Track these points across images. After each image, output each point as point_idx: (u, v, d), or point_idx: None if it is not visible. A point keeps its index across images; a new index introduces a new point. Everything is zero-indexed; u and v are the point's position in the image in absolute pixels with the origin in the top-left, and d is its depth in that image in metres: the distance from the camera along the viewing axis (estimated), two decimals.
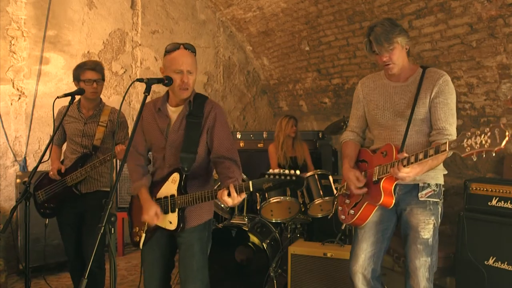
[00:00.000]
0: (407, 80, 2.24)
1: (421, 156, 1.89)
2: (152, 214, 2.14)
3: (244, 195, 1.99)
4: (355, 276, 2.33)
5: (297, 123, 4.37)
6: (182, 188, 2.17)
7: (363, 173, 2.26)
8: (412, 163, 1.92)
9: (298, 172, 1.88)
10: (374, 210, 2.23)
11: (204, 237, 2.29)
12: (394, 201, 2.12)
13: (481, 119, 3.58)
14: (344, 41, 4.49)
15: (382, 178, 2.11)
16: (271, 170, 1.91)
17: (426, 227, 2.17)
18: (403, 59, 2.20)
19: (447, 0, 3.26)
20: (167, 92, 2.32)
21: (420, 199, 2.17)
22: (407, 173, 1.95)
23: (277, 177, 1.88)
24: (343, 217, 2.38)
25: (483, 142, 1.64)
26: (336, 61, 4.80)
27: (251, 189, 1.92)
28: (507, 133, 1.59)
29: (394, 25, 2.15)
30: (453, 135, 2.10)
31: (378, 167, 2.15)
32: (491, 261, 2.92)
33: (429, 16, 3.48)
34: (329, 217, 2.87)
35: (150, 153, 2.43)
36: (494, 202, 2.97)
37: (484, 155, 1.67)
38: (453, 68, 3.58)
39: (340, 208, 2.43)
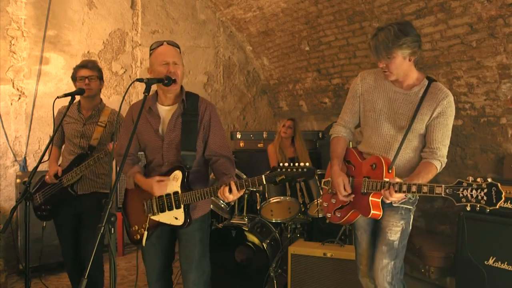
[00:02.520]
0: (410, 90, 2.17)
1: (413, 189, 1.92)
2: (158, 185, 2.16)
3: (242, 191, 2.08)
4: (363, 275, 2.41)
5: (294, 124, 4.33)
6: (186, 185, 2.20)
7: (350, 179, 2.27)
8: (403, 191, 1.95)
9: (307, 164, 1.99)
10: (359, 215, 2.27)
11: (205, 227, 2.36)
12: (381, 213, 2.16)
13: (481, 119, 3.58)
14: (344, 41, 4.49)
15: (371, 192, 2.12)
16: (281, 164, 2.02)
17: (394, 229, 2.19)
18: (404, 68, 2.12)
19: (447, 0, 3.26)
20: (156, 91, 2.33)
21: (394, 204, 2.19)
22: (398, 198, 2.00)
23: (288, 169, 1.98)
24: (328, 215, 2.39)
25: (479, 197, 1.72)
26: (336, 61, 4.79)
27: (264, 182, 2.02)
28: (503, 195, 1.67)
29: (402, 33, 2.03)
30: (444, 157, 2.15)
31: (367, 179, 2.15)
32: (491, 261, 2.92)
33: (429, 16, 3.47)
34: (317, 215, 2.85)
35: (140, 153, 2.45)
36: None
37: (478, 209, 1.75)
38: (453, 68, 3.58)
39: (325, 204, 2.43)
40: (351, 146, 2.49)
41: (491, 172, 3.59)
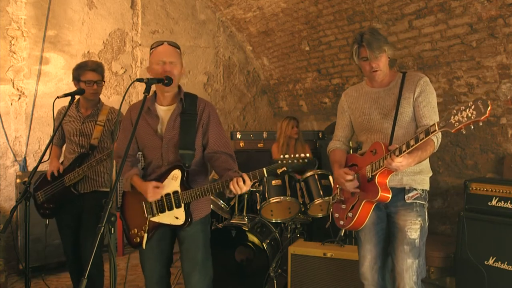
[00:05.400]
0: (388, 85, 2.32)
1: (412, 142, 1.95)
2: (152, 190, 2.16)
3: (251, 183, 2.08)
4: (363, 277, 2.39)
5: (298, 124, 4.38)
6: (185, 184, 2.20)
7: (355, 175, 2.28)
8: (404, 151, 1.97)
9: (308, 155, 1.99)
10: (371, 211, 2.25)
11: (207, 229, 2.36)
12: (391, 196, 2.14)
13: None
14: (344, 41, 4.49)
15: (376, 174, 2.13)
16: (282, 156, 2.01)
17: (413, 227, 2.20)
18: (387, 66, 2.28)
19: (447, 0, 3.26)
20: (155, 92, 2.34)
21: (407, 201, 2.22)
22: (400, 162, 1.99)
23: (289, 161, 1.98)
24: (341, 222, 2.39)
25: (469, 114, 1.73)
26: (336, 61, 4.80)
27: (265, 175, 2.03)
28: (489, 102, 1.69)
29: (379, 34, 2.24)
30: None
31: (369, 165, 2.19)
32: (491, 261, 2.92)
33: (429, 16, 3.48)
34: (326, 226, 2.90)
35: (139, 153, 2.45)
36: (494, 202, 2.97)
37: (472, 127, 1.75)
38: (453, 68, 3.58)
39: (336, 215, 2.45)
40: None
41: (491, 172, 3.59)
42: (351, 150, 2.75)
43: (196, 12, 5.62)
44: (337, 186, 2.46)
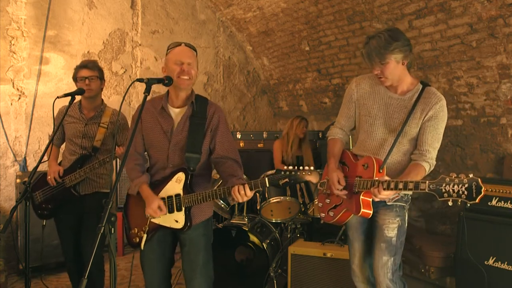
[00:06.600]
0: (404, 95, 2.23)
1: (400, 185, 1.97)
2: (155, 207, 2.15)
3: (253, 192, 2.07)
4: (354, 274, 2.45)
5: (307, 125, 4.46)
6: (188, 187, 2.19)
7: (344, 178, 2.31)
8: (391, 189, 1.99)
9: (312, 168, 2.00)
10: (352, 215, 2.30)
11: (208, 233, 2.35)
12: (372, 212, 2.19)
13: (481, 119, 3.58)
14: (344, 41, 4.49)
15: (362, 191, 2.16)
16: (285, 167, 2.02)
17: (391, 226, 2.24)
18: (399, 72, 2.17)
19: (447, 0, 3.26)
20: (167, 92, 2.32)
21: (388, 203, 2.25)
22: (387, 195, 2.05)
23: (293, 173, 1.99)
24: (322, 215, 2.44)
25: (460, 192, 1.76)
26: (336, 61, 4.80)
27: (267, 185, 2.02)
28: (483, 190, 1.71)
29: (392, 39, 2.08)
30: (433, 160, 2.18)
31: (359, 179, 2.20)
32: (491, 261, 2.92)
33: (429, 16, 3.48)
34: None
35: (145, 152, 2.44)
36: (494, 202, 2.97)
37: (459, 204, 1.80)
38: (453, 68, 3.58)
39: (320, 204, 2.48)
40: (350, 148, 2.55)
41: (491, 172, 3.59)
42: (350, 146, 2.75)
43: (196, 12, 5.62)
44: (326, 177, 2.45)
